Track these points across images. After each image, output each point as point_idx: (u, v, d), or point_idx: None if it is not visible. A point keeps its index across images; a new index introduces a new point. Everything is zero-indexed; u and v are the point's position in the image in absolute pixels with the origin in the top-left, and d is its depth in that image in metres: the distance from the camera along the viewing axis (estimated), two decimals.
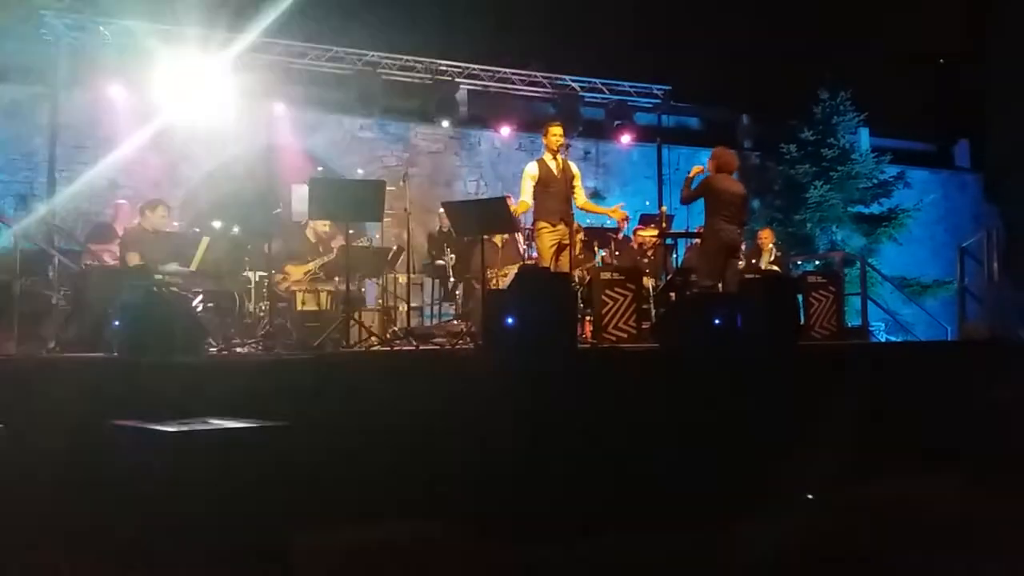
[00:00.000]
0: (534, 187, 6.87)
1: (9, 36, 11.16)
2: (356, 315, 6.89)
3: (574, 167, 7.02)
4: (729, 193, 7.24)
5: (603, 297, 7.11)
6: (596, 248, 9.03)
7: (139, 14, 10.98)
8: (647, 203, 12.54)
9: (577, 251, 7.50)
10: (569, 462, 4.71)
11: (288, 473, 3.70)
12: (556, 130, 7.02)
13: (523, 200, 6.92)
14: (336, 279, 7.34)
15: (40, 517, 3.87)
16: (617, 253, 8.99)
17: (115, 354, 5.14)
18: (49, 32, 10.64)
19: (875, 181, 15.11)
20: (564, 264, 6.87)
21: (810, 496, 5.08)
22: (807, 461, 5.28)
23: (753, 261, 9.64)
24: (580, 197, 7.10)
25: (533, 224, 6.98)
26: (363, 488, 4.55)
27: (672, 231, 8.71)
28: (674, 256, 8.84)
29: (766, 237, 9.95)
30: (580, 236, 8.01)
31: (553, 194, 6.85)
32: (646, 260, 8.87)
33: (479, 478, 4.71)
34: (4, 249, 9.19)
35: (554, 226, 6.85)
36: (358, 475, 4.57)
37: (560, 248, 6.88)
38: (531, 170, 6.96)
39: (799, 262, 10.96)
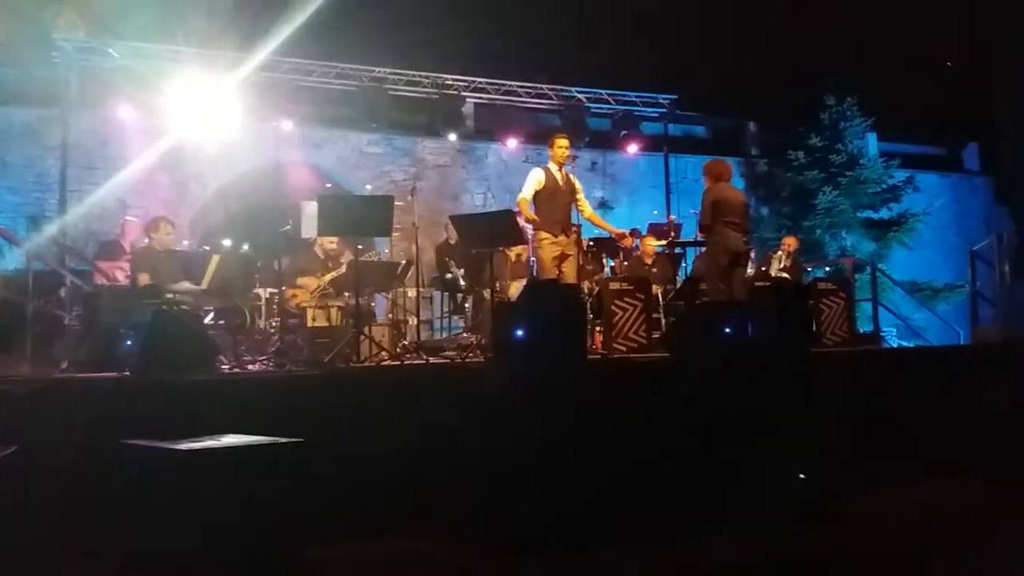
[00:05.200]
0: (539, 194, 6.88)
1: (20, 59, 11.27)
2: (366, 330, 6.89)
3: (576, 180, 7.06)
4: (731, 201, 7.22)
5: (613, 307, 7.09)
6: (604, 259, 9.02)
7: (148, 35, 11.06)
8: (655, 212, 12.52)
9: (585, 262, 7.50)
10: (581, 475, 4.70)
11: (300, 489, 3.71)
12: (563, 142, 7.03)
13: (523, 197, 6.90)
14: (346, 294, 7.35)
15: (53, 536, 3.88)
16: (626, 263, 8.97)
17: (127, 373, 5.16)
18: (59, 55, 10.73)
19: (884, 186, 15.06)
20: (568, 274, 6.85)
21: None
22: (823, 468, 5.26)
23: (763, 269, 9.60)
24: (587, 209, 7.20)
25: (534, 235, 6.97)
26: (375, 503, 4.55)
27: (680, 240, 8.69)
28: (683, 265, 8.81)
29: (788, 244, 9.91)
30: (587, 243, 8.01)
31: (557, 204, 6.86)
32: (654, 270, 8.86)
33: (490, 491, 4.70)
34: (16, 270, 9.25)
35: (555, 236, 6.85)
36: (370, 490, 4.57)
37: (562, 258, 6.87)
38: (537, 175, 6.95)
39: (809, 268, 10.92)
